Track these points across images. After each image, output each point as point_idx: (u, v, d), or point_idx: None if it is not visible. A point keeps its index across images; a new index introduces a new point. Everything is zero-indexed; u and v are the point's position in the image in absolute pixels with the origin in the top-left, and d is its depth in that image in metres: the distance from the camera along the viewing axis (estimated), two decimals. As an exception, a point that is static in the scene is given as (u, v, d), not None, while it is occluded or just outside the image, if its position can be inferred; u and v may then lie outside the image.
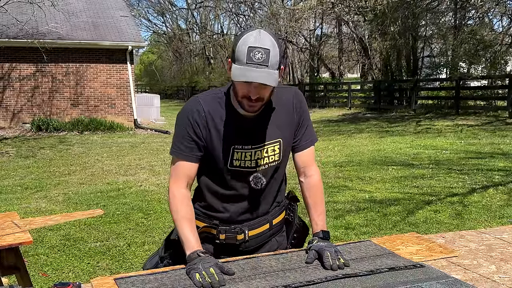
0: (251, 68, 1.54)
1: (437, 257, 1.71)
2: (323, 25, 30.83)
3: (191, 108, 1.74)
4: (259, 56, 1.54)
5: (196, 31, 44.32)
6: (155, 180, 7.67)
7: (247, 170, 1.74)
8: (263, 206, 1.82)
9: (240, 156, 1.72)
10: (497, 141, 10.19)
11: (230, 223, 1.79)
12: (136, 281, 1.51)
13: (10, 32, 14.38)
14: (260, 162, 1.74)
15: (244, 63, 1.55)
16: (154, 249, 4.43)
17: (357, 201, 5.95)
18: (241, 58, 1.55)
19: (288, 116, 1.79)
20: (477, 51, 16.07)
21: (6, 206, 6.14)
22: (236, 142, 1.72)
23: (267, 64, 1.55)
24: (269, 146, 1.75)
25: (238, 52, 1.56)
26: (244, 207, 1.79)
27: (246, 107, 1.66)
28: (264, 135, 1.74)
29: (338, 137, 12.59)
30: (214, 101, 1.74)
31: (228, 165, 1.73)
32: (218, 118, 1.72)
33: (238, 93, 1.65)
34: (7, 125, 15.29)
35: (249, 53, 1.54)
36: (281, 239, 1.91)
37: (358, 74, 32.76)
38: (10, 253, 2.61)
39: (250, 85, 1.59)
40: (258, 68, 1.54)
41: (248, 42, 1.56)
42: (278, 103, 1.77)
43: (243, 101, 1.65)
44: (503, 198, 5.81)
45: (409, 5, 16.63)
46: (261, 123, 1.74)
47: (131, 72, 16.25)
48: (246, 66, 1.54)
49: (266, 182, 1.78)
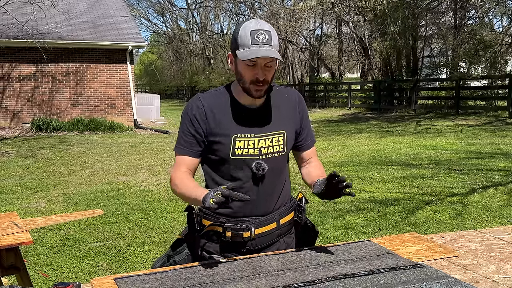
0: (258, 47, 1.64)
1: (437, 257, 1.71)
2: (323, 25, 30.86)
3: (191, 104, 1.82)
4: (263, 37, 1.65)
5: (196, 31, 44.35)
6: (155, 180, 7.67)
7: (249, 158, 1.77)
8: (267, 199, 1.82)
9: (243, 145, 1.76)
10: (497, 141, 10.19)
11: (236, 220, 1.79)
12: (136, 281, 1.51)
13: (10, 32, 14.39)
14: (264, 150, 1.78)
15: (249, 45, 1.65)
16: (154, 249, 4.44)
17: (357, 201, 5.95)
18: (245, 42, 1.65)
19: (291, 112, 1.86)
20: (477, 51, 16.07)
21: (6, 206, 6.14)
22: (237, 131, 1.76)
23: (270, 44, 1.66)
24: (273, 136, 1.80)
25: (241, 38, 1.66)
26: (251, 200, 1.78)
27: (253, 92, 1.72)
28: (269, 125, 1.80)
29: (338, 137, 12.59)
30: (214, 96, 1.82)
31: (230, 154, 1.76)
32: (218, 110, 1.78)
33: (245, 78, 1.71)
34: (7, 125, 15.30)
35: (253, 36, 1.65)
36: (289, 240, 1.91)
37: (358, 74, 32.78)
38: (10, 253, 2.61)
39: (256, 67, 1.68)
40: (264, 46, 1.64)
41: (249, 27, 1.67)
42: (281, 98, 1.85)
43: (250, 87, 1.72)
44: (503, 198, 5.81)
45: (409, 5, 16.63)
46: (264, 113, 1.80)
47: (131, 72, 16.25)
48: (253, 47, 1.64)
49: (268, 169, 1.79)
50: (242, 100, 1.79)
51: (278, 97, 1.84)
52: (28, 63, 15.24)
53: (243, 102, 1.79)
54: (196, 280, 1.51)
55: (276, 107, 1.83)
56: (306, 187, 1.93)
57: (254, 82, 1.70)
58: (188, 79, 42.00)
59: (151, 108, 19.27)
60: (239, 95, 1.79)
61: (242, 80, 1.73)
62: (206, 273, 1.57)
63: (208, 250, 1.82)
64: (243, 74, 1.71)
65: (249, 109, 1.79)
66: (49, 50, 14.27)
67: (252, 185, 1.79)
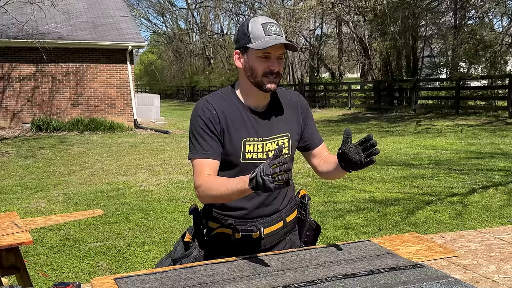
0: (272, 37, 1.66)
1: (437, 257, 1.71)
2: (323, 25, 30.87)
3: (202, 108, 1.76)
4: (275, 29, 1.69)
5: (196, 31, 44.34)
6: (155, 180, 7.67)
7: (259, 162, 1.76)
8: (276, 200, 1.83)
9: (252, 149, 1.76)
10: (497, 141, 10.19)
11: (245, 221, 1.79)
12: (136, 281, 1.51)
13: (10, 32, 14.38)
14: (271, 154, 1.77)
15: (263, 36, 1.66)
16: (154, 249, 4.43)
17: (357, 201, 5.95)
18: (258, 34, 1.67)
19: (294, 114, 1.86)
20: (477, 51, 16.08)
21: (6, 206, 6.14)
22: (247, 134, 1.75)
23: (282, 35, 1.69)
24: (279, 139, 1.80)
25: (253, 31, 1.68)
26: (259, 202, 1.80)
27: (267, 84, 1.71)
28: (273, 128, 1.80)
29: (338, 137, 12.58)
30: (221, 99, 1.79)
31: (241, 158, 1.75)
32: (228, 114, 1.76)
33: (257, 71, 1.70)
34: (7, 125, 15.30)
35: (265, 27, 1.67)
36: (294, 237, 1.93)
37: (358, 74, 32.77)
38: (10, 253, 2.61)
39: (269, 59, 1.69)
40: (278, 37, 1.67)
41: (259, 21, 1.70)
42: (284, 101, 1.85)
43: (263, 80, 1.71)
44: (503, 198, 5.81)
45: (409, 5, 16.63)
46: (269, 116, 1.80)
47: (131, 72, 16.25)
48: (267, 37, 1.66)
49: None
50: (248, 102, 1.78)
51: (282, 99, 1.85)
52: (28, 63, 15.24)
53: (249, 105, 1.78)
54: (196, 280, 1.51)
55: (279, 109, 1.83)
56: (305, 187, 1.93)
57: (267, 74, 1.70)
58: (188, 79, 42.00)
59: (151, 108, 19.27)
60: (244, 97, 1.78)
61: (254, 74, 1.71)
62: (206, 273, 1.57)
63: (216, 252, 1.82)
64: (255, 67, 1.70)
65: (256, 112, 1.78)
66: (49, 50, 14.27)
67: None
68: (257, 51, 1.67)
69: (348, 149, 1.60)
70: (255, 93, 1.76)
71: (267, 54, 1.68)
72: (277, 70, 1.70)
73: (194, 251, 1.79)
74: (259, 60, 1.69)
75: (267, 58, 1.68)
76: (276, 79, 1.71)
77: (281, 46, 1.68)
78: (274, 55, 1.68)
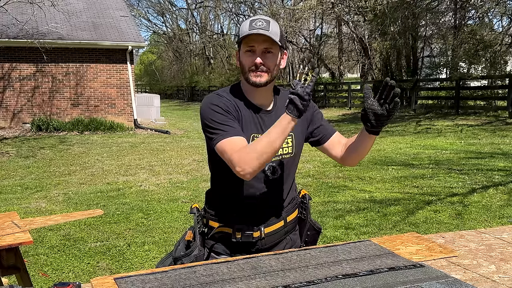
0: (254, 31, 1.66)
1: (437, 257, 1.71)
2: (323, 25, 30.88)
3: (216, 98, 1.75)
4: (260, 24, 1.68)
5: (196, 31, 44.37)
6: (155, 180, 7.67)
7: None
8: (278, 200, 1.84)
9: None
10: (497, 141, 10.19)
11: (246, 220, 1.79)
12: (136, 281, 1.51)
13: (10, 32, 14.38)
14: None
15: (247, 31, 1.67)
16: (154, 249, 4.43)
17: (357, 201, 5.95)
18: (244, 30, 1.68)
19: None
20: (477, 51, 16.07)
21: (6, 206, 6.14)
22: (255, 130, 1.76)
23: (268, 29, 1.67)
24: None
25: (242, 28, 1.70)
26: (261, 201, 1.80)
27: (252, 78, 1.71)
28: None
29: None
30: (230, 93, 1.80)
31: None
32: (238, 107, 1.76)
33: (245, 67, 1.71)
34: (7, 125, 15.30)
35: (251, 23, 1.69)
36: (295, 237, 1.93)
37: (358, 74, 32.78)
38: (10, 253, 2.61)
39: (254, 53, 1.69)
40: (260, 30, 1.66)
41: (250, 19, 1.73)
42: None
43: (250, 75, 1.71)
44: (503, 198, 5.81)
45: (409, 5, 16.63)
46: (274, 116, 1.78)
47: (131, 72, 16.25)
48: (250, 31, 1.67)
49: (280, 173, 1.80)
50: (254, 100, 1.78)
51: (284, 100, 1.83)
52: (28, 63, 15.24)
53: (255, 102, 1.79)
54: (196, 280, 1.51)
55: (284, 109, 1.82)
56: (305, 187, 1.94)
57: (253, 70, 1.70)
58: (188, 79, 42.01)
59: (151, 108, 19.27)
60: (250, 95, 1.79)
61: (243, 70, 1.73)
62: (206, 273, 1.57)
63: (217, 252, 1.83)
64: (243, 63, 1.73)
65: (261, 110, 1.79)
66: (49, 50, 14.27)
67: (263, 186, 1.79)
68: (243, 46, 1.70)
69: (372, 104, 1.61)
70: (254, 91, 1.77)
71: (250, 47, 1.69)
72: (261, 62, 1.69)
73: (195, 250, 1.79)
74: (246, 55, 1.71)
75: (252, 52, 1.69)
76: (262, 73, 1.70)
77: (266, 39, 1.67)
78: (259, 49, 1.68)
